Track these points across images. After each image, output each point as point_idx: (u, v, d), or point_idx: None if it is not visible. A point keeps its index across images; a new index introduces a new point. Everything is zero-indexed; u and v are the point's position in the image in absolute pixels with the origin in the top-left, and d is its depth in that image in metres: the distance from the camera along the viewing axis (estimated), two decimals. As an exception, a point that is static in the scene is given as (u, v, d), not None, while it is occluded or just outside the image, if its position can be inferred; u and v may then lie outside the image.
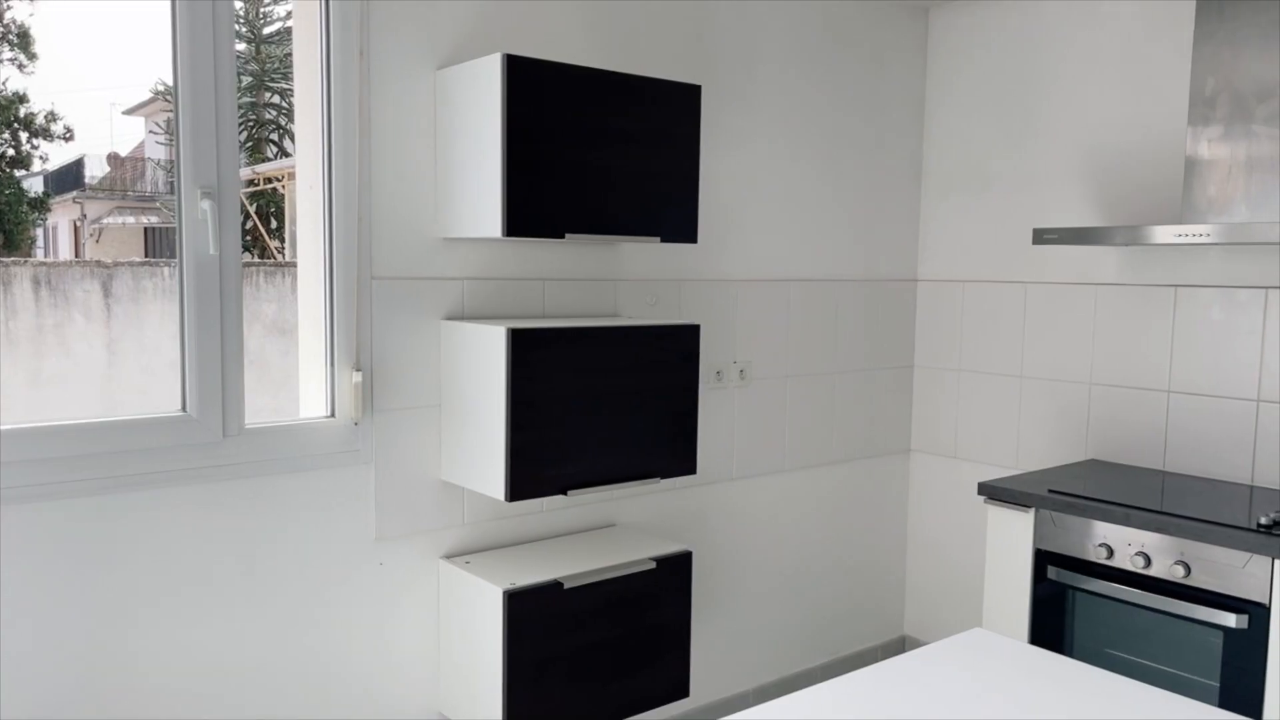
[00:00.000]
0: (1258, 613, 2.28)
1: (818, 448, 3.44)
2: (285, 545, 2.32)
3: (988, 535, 2.82)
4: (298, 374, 2.55)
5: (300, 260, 2.49)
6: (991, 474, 3.47)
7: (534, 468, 2.31)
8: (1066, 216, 3.23)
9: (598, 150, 2.38)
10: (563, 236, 2.34)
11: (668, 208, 2.54)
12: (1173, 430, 2.98)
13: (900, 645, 3.80)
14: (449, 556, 2.57)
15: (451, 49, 2.48)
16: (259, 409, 2.44)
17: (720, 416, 3.13)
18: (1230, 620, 2.31)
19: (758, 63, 3.13)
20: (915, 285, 3.71)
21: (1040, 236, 2.87)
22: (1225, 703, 2.35)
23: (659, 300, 2.95)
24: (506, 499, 2.28)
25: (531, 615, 2.34)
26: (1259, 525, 2.33)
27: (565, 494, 2.37)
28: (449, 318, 2.53)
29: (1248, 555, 2.29)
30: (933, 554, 3.71)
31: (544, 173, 2.29)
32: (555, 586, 2.38)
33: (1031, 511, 2.71)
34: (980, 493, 2.82)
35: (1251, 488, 2.77)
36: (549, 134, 2.29)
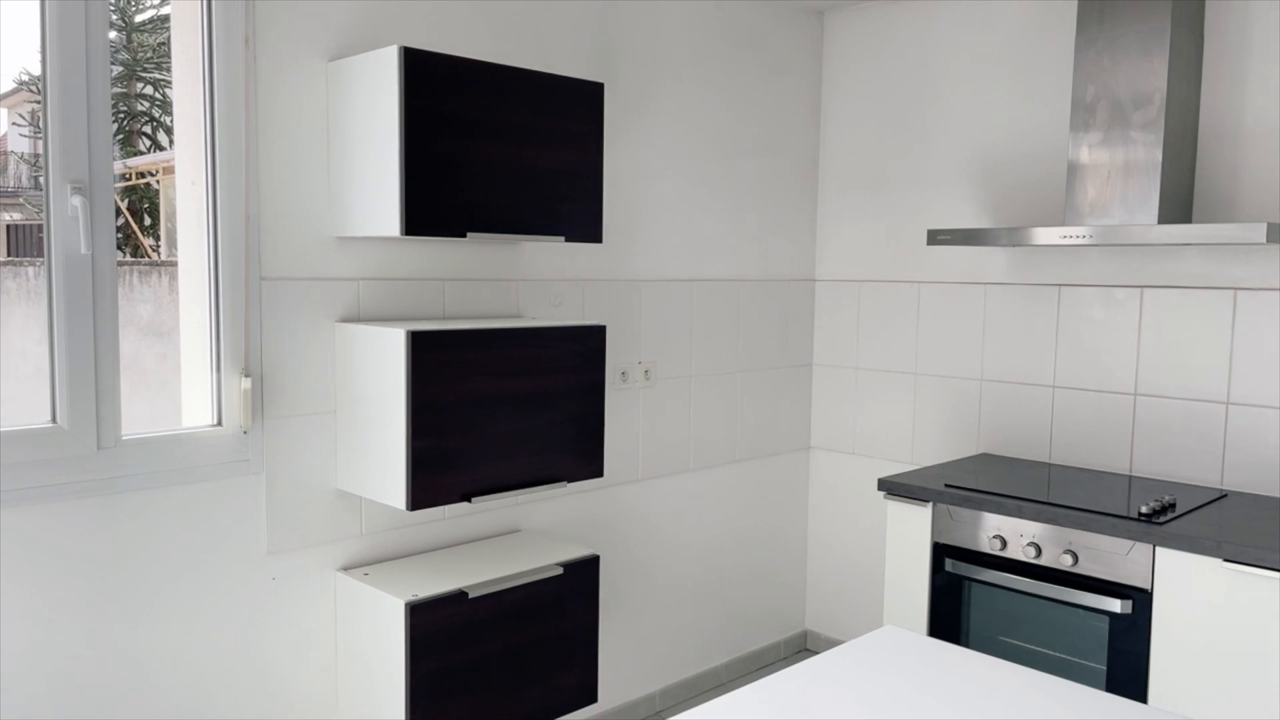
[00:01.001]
0: (1140, 598, 2.38)
1: (721, 447, 3.45)
2: (169, 563, 2.19)
3: (887, 529, 2.88)
4: (179, 380, 2.40)
5: (181, 259, 2.34)
6: (888, 469, 3.55)
7: (436, 475, 2.24)
8: (958, 218, 3.33)
9: (499, 147, 2.32)
10: (464, 236, 2.27)
11: (572, 207, 2.50)
12: (1058, 424, 3.11)
13: (802, 640, 3.86)
14: (347, 569, 2.47)
15: (344, 40, 2.38)
16: (136, 418, 2.29)
17: (626, 418, 3.11)
18: (1115, 606, 2.41)
19: (658, 62, 3.12)
20: (813, 285, 3.77)
21: (934, 237, 2.94)
22: (1111, 685, 2.45)
23: (563, 301, 2.90)
24: (407, 508, 2.20)
25: (435, 626, 2.26)
26: (1140, 514, 2.44)
27: (469, 501, 2.30)
28: (344, 320, 2.43)
29: (1130, 543, 2.40)
30: (833, 549, 3.77)
31: (444, 170, 2.22)
32: (459, 596, 2.31)
33: (929, 506, 2.77)
34: (880, 488, 2.87)
35: (1130, 478, 2.90)
36: (449, 130, 2.22)
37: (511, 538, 2.76)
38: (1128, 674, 2.41)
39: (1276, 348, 2.66)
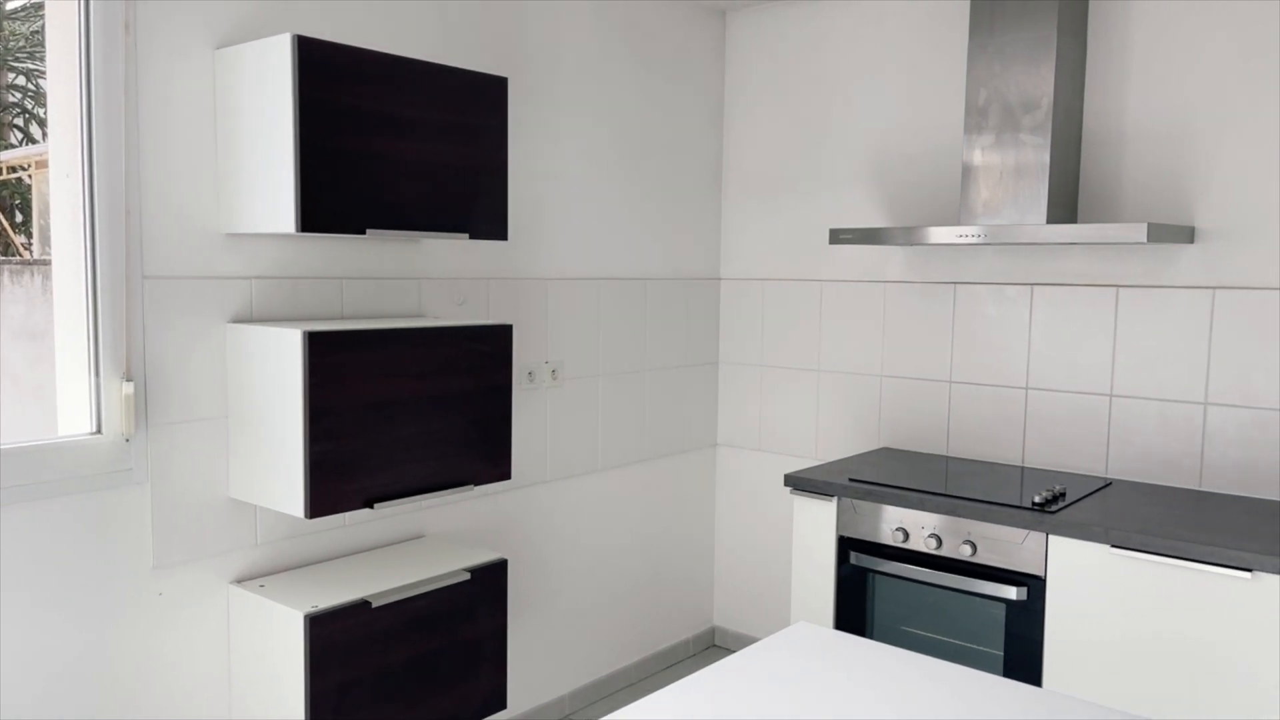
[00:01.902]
0: (1035, 585, 2.47)
1: (629, 446, 3.44)
2: (45, 581, 2.05)
3: (794, 524, 2.91)
4: (54, 385, 2.26)
5: (55, 257, 2.20)
6: (793, 465, 3.60)
7: (336, 481, 2.16)
8: (860, 217, 3.40)
9: (400, 142, 2.25)
10: (363, 232, 2.20)
11: (477, 203, 2.45)
12: (955, 418, 3.20)
13: (710, 637, 3.88)
14: (241, 581, 2.36)
15: (232, 27, 2.27)
16: (8, 426, 2.14)
17: (533, 418, 3.07)
18: (1011, 593, 2.49)
19: (563, 59, 3.08)
20: (719, 283, 3.79)
21: (836, 236, 2.99)
22: (1009, 670, 2.53)
23: (467, 300, 2.84)
24: (306, 515, 2.11)
25: (336, 638, 2.18)
26: (1034, 504, 2.52)
27: (371, 507, 2.23)
28: (236, 320, 2.32)
29: (1025, 532, 2.48)
30: (739, 545, 3.80)
31: (342, 164, 2.14)
32: (362, 606, 2.23)
33: (834, 500, 2.82)
34: (786, 484, 2.91)
35: (1023, 469, 3.01)
36: (347, 123, 2.14)
37: (416, 543, 2.69)
38: (1023, 658, 2.50)
39: (1155, 343, 2.79)
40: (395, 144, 2.25)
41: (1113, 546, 2.33)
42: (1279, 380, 2.60)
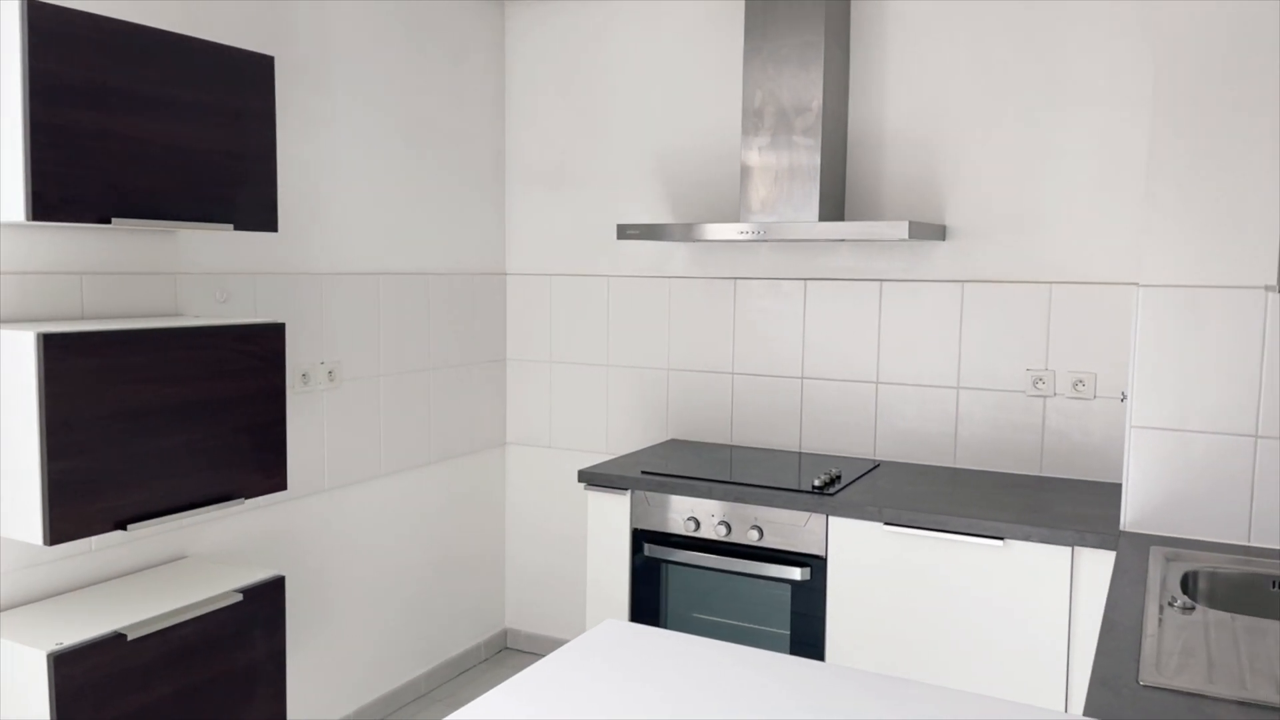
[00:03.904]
0: (817, 565, 2.59)
1: (414, 448, 3.31)
2: None
3: (588, 520, 2.90)
4: None
5: None
6: (585, 461, 3.59)
7: (80, 501, 1.92)
8: (647, 213, 3.44)
9: (152, 123, 2.03)
10: (109, 222, 1.96)
11: (242, 192, 2.25)
12: (737, 408, 3.31)
13: (503, 640, 3.81)
14: (-37, 622, 2.04)
15: (-63, -18, 1.96)
16: None
17: (309, 423, 2.87)
18: (796, 574, 2.61)
19: (335, 40, 2.91)
20: (505, 279, 3.72)
21: (623, 232, 3.01)
22: (795, 648, 2.65)
23: (231, 297, 2.61)
24: (46, 542, 1.86)
25: (87, 678, 1.93)
26: (813, 487, 2.65)
27: (125, 529, 2.00)
28: (-51, 322, 2.01)
29: (807, 515, 2.60)
30: (531, 544, 3.76)
31: (82, 145, 1.90)
32: (117, 639, 2.00)
33: (628, 494, 2.83)
34: (580, 479, 2.89)
35: (800, 454, 3.16)
36: (88, 99, 1.90)
37: (179, 565, 2.45)
38: (808, 636, 2.62)
39: (914, 332, 3.02)
40: (146, 125, 2.02)
41: (885, 524, 2.48)
42: (1018, 365, 2.88)
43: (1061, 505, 2.51)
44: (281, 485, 2.38)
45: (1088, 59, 2.74)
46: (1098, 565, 2.26)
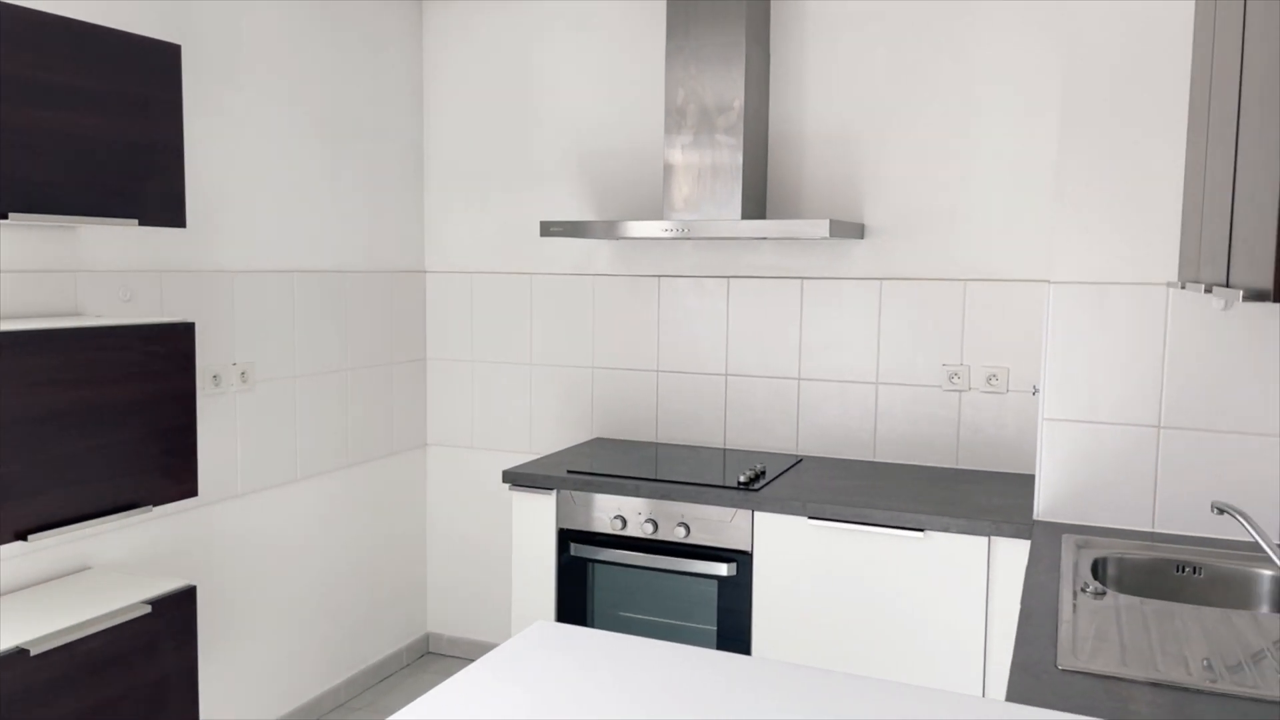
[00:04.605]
0: (743, 560, 2.61)
1: (332, 451, 3.22)
2: None
3: (514, 521, 2.87)
4: None
5: None
6: (508, 461, 3.55)
7: (-24, 511, 1.81)
8: (569, 210, 3.41)
9: (50, 113, 1.93)
10: (5, 217, 1.86)
11: (147, 185, 2.16)
12: (662, 406, 3.32)
13: (425, 645, 3.74)
14: None
15: None
16: None
17: (221, 426, 2.77)
18: (722, 569, 2.62)
19: (245, 30, 2.81)
20: (424, 276, 3.65)
21: (546, 229, 2.98)
22: (721, 643, 2.66)
23: (135, 295, 2.50)
24: (-64, 557, 1.75)
25: (-17, 699, 1.83)
26: (739, 483, 2.67)
27: (25, 540, 1.89)
28: None
29: (733, 510, 2.61)
30: (454, 547, 3.70)
31: (-29, 134, 1.79)
32: (19, 655, 1.89)
33: (553, 493, 2.81)
34: (505, 480, 2.86)
35: (725, 451, 3.18)
36: (-24, 84, 1.79)
37: (84, 577, 2.33)
38: (734, 630, 2.64)
39: (835, 329, 3.06)
40: (43, 115, 1.92)
41: (810, 518, 2.52)
42: (934, 360, 2.95)
43: (978, 496, 2.58)
44: (192, 491, 2.29)
45: (1001, 62, 2.82)
46: (1013, 554, 2.33)
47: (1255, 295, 1.16)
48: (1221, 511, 1.82)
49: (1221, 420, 2.17)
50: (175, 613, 2.25)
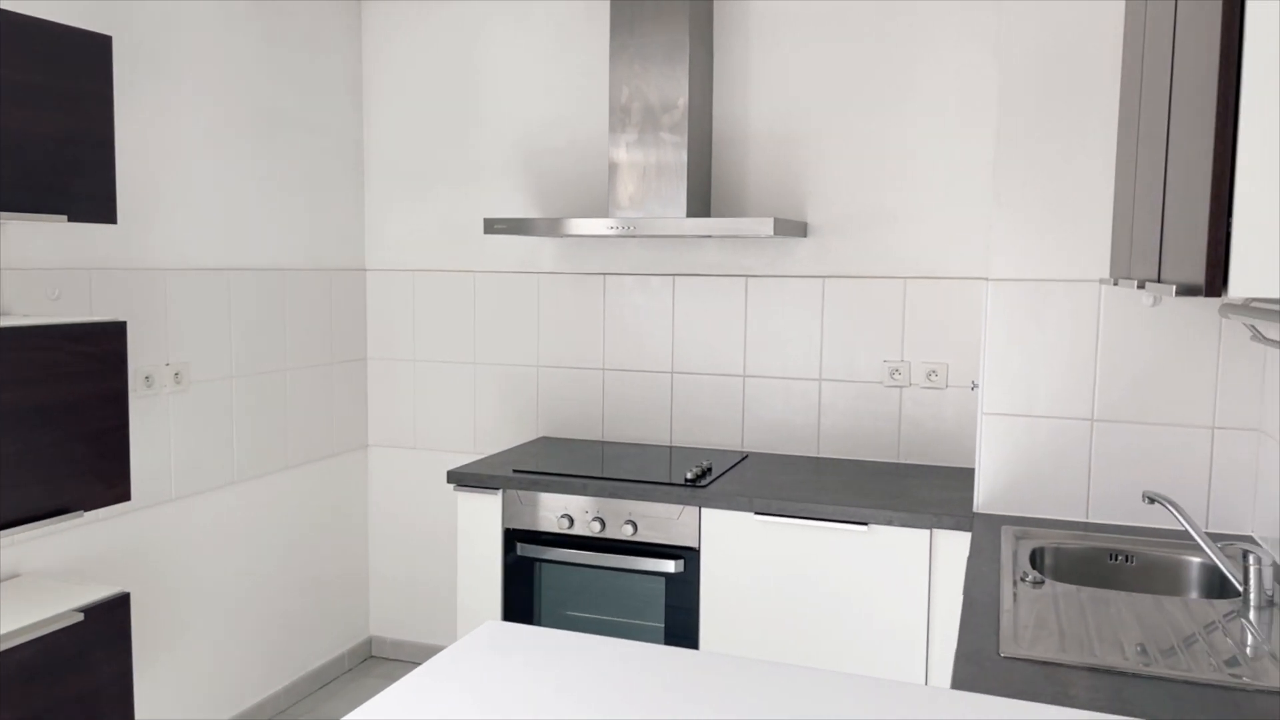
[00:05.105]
0: (691, 556, 2.62)
1: (270, 453, 3.15)
2: None
3: (459, 521, 2.84)
4: None
5: None
6: (453, 461, 3.52)
7: (-106, 519, 1.73)
8: (513, 208, 3.39)
9: (-30, 101, 1.85)
10: (-78, 211, 1.78)
11: (76, 180, 2.09)
12: (608, 404, 3.31)
13: (367, 648, 3.69)
14: None
15: None
16: None
17: (154, 428, 2.70)
18: (670, 566, 2.63)
19: (178, 22, 2.73)
20: (364, 275, 3.59)
21: (490, 226, 2.96)
22: (669, 638, 2.67)
23: (62, 294, 2.42)
24: None
25: (-97, 716, 1.75)
26: (685, 480, 2.68)
27: (-53, 548, 1.82)
28: None
29: (680, 507, 2.62)
30: (397, 548, 3.65)
31: (-114, 124, 1.71)
32: (-61, 670, 1.82)
33: (499, 493, 2.79)
34: (450, 480, 2.83)
35: (671, 448, 3.19)
36: (-109, 73, 1.72)
37: (12, 584, 2.25)
38: (682, 627, 2.65)
39: (779, 326, 3.09)
40: (-36, 104, 1.84)
41: (756, 514, 2.53)
42: (876, 357, 2.99)
43: (919, 490, 2.62)
44: (125, 496, 2.22)
45: (940, 63, 2.88)
46: (954, 545, 2.38)
47: (1187, 290, 1.19)
48: (1153, 501, 1.88)
49: (1152, 413, 2.24)
50: (108, 620, 2.18)
